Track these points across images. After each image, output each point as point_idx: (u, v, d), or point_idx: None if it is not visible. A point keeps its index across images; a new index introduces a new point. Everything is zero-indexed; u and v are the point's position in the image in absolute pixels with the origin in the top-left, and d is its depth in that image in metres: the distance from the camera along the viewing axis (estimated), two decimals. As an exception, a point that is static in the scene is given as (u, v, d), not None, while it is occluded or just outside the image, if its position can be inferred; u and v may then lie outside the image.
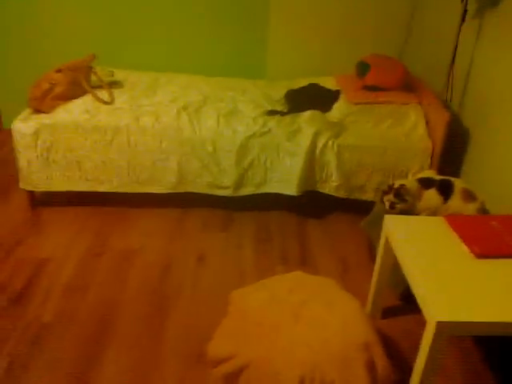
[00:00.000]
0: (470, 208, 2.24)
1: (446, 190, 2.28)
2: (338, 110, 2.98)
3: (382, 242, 1.97)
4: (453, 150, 2.78)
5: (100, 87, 2.96)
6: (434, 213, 2.28)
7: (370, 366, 1.57)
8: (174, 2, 3.54)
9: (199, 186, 2.80)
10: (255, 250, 2.60)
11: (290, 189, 2.75)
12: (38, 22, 3.53)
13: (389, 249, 1.93)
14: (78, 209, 2.85)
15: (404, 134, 2.80)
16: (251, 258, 2.54)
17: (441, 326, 1.38)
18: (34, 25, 3.53)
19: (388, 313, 2.21)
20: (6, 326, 2.02)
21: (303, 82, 3.32)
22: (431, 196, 2.29)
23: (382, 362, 1.60)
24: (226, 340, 1.65)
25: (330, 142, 2.72)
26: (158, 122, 2.71)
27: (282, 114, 2.92)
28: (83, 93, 2.86)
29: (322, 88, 3.22)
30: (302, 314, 1.68)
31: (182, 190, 2.80)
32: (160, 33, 3.63)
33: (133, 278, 2.35)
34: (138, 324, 2.08)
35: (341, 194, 2.80)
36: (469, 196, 2.26)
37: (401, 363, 1.95)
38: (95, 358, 1.91)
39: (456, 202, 2.26)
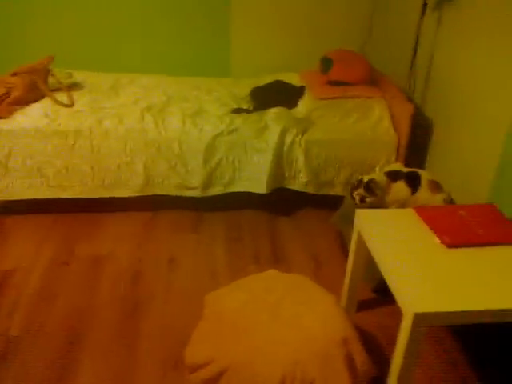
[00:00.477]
0: (438, 199, 2.28)
1: (413, 182, 2.31)
2: (303, 105, 2.97)
3: (354, 236, 1.98)
4: (417, 142, 2.82)
5: (59, 90, 2.87)
6: (402, 205, 2.31)
7: (350, 362, 1.57)
8: (136, 2, 3.46)
9: (167, 188, 2.75)
10: (227, 250, 2.57)
11: (259, 187, 2.73)
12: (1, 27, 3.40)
13: (361, 243, 1.93)
14: (42, 216, 2.75)
15: (370, 127, 2.82)
16: (223, 258, 2.51)
17: (418, 317, 1.39)
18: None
19: (363, 306, 2.22)
20: (-29, 343, 1.94)
21: (268, 79, 3.31)
22: (400, 188, 2.32)
23: (360, 358, 1.60)
24: (203, 344, 1.62)
25: (297, 138, 2.71)
26: (121, 124, 2.65)
27: (248, 111, 2.90)
28: (41, 96, 2.76)
29: (287, 84, 3.22)
30: (279, 313, 1.67)
31: (149, 192, 2.75)
32: (121, 32, 3.55)
33: (103, 285, 2.29)
34: (110, 331, 2.02)
35: (310, 190, 2.80)
36: (436, 187, 2.30)
37: (379, 357, 1.97)
38: (68, 369, 1.84)
39: (424, 194, 2.29)
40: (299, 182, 2.77)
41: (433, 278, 1.55)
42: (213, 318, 1.71)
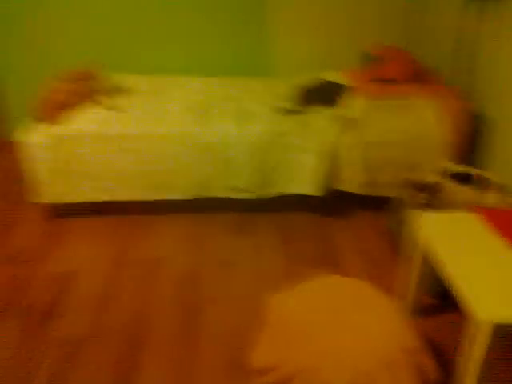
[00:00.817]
0: (505, 201, 2.21)
1: (477, 184, 2.25)
2: (353, 105, 2.94)
3: (414, 239, 1.94)
4: (471, 141, 2.75)
5: (107, 95, 2.91)
6: (467, 207, 2.25)
7: (418, 372, 1.55)
8: (173, 4, 3.48)
9: (219, 190, 2.77)
10: (281, 253, 2.57)
11: (311, 189, 2.71)
12: (43, 32, 3.47)
13: (422, 247, 1.90)
14: (97, 219, 2.81)
15: (421, 127, 2.76)
16: (277, 261, 2.51)
17: (498, 327, 1.36)
18: (41, 34, 3.47)
19: (422, 312, 2.18)
20: (40, 344, 2.00)
21: (311, 78, 3.28)
22: (464, 190, 2.26)
23: (429, 366, 1.58)
24: (269, 349, 1.62)
25: (348, 139, 2.68)
26: (168, 127, 2.67)
27: (295, 112, 2.88)
28: (91, 102, 2.81)
29: (331, 83, 3.18)
30: (345, 319, 1.65)
31: (200, 195, 2.77)
32: (161, 35, 3.58)
33: (161, 288, 2.32)
34: (171, 335, 2.05)
35: (362, 192, 2.77)
36: (501, 188, 2.23)
37: (443, 365, 1.93)
38: (131, 371, 1.88)
39: (490, 196, 2.22)
40: (351, 183, 2.74)
41: (506, 284, 1.51)
42: (278, 322, 1.71)
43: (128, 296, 2.27)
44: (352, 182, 2.73)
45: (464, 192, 2.25)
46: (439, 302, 2.24)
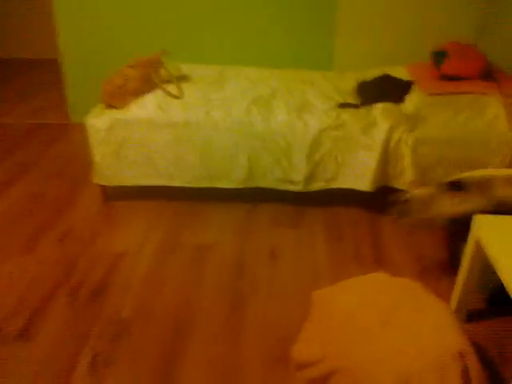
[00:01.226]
0: None
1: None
2: (412, 101, 2.85)
3: (470, 242, 1.87)
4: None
5: (170, 82, 2.96)
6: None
7: (466, 377, 1.49)
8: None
9: (269, 181, 2.76)
10: (328, 248, 2.53)
11: (364, 184, 2.66)
12: (109, 19, 3.57)
13: (478, 250, 1.82)
14: (150, 203, 2.87)
15: (484, 125, 2.65)
16: (324, 255, 2.48)
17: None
18: (106, 22, 3.57)
19: (473, 316, 2.10)
20: (87, 322, 2.06)
21: (373, 73, 3.21)
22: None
23: (476, 372, 1.52)
24: (312, 343, 1.60)
25: (405, 136, 2.61)
26: (228, 116, 2.68)
27: (355, 106, 2.83)
28: (154, 88, 2.86)
29: (395, 79, 3.10)
30: (392, 318, 1.61)
31: (252, 185, 2.77)
32: (224, 25, 3.59)
33: (207, 274, 2.34)
34: (215, 323, 2.07)
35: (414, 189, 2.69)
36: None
37: (491, 372, 1.85)
38: (175, 355, 1.91)
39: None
40: (405, 180, 2.67)
41: None
42: (322, 317, 1.69)
43: (174, 281, 2.30)
44: (403, 179, 2.66)
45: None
46: (493, 306, 2.15)
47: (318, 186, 2.74)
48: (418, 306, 1.66)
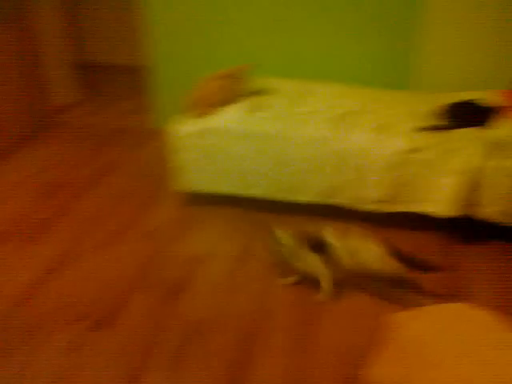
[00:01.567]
0: None
1: None
2: (499, 127, 2.76)
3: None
4: None
5: (253, 94, 3.04)
6: None
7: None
8: (318, 13, 3.53)
9: (345, 199, 2.76)
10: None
11: (444, 210, 2.60)
12: (199, 30, 3.71)
13: None
14: (227, 211, 2.95)
15: None
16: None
17: None
18: (196, 32, 3.72)
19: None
20: (163, 318, 2.15)
21: (456, 96, 3.13)
22: None
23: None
24: (387, 367, 1.59)
25: (493, 163, 2.53)
26: (307, 131, 2.72)
27: (438, 129, 2.78)
28: (238, 99, 2.95)
29: (479, 103, 3.01)
30: (470, 352, 1.57)
31: (326, 201, 2.79)
32: (309, 40, 3.64)
33: (281, 288, 2.36)
34: (286, 335, 2.09)
35: (501, 220, 2.60)
36: None
37: None
38: (243, 363, 1.95)
39: None
40: (491, 210, 2.59)
41: None
42: (396, 342, 1.67)
43: (247, 290, 2.35)
44: (489, 208, 2.58)
45: None
46: None
47: (394, 207, 2.72)
48: (498, 340, 1.61)
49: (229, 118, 2.81)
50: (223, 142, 2.77)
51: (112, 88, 5.18)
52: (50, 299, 2.25)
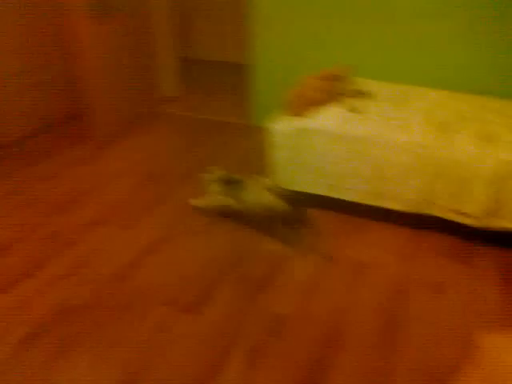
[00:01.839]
0: None
1: None
2: None
3: None
4: None
5: (353, 96, 3.01)
6: None
7: None
8: (427, 14, 3.40)
9: (441, 210, 2.66)
10: (499, 292, 2.35)
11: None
12: (300, 32, 3.74)
13: None
14: (316, 211, 2.95)
15: None
16: (494, 299, 2.30)
17: None
18: (297, 34, 3.75)
19: None
20: (249, 310, 2.21)
21: None
22: None
23: None
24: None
25: None
26: (407, 137, 2.64)
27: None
28: (337, 101, 2.94)
29: None
30: None
31: (421, 210, 2.70)
32: (410, 44, 3.53)
33: (365, 291, 2.34)
34: (367, 339, 2.06)
35: None
36: None
37: None
38: (324, 362, 1.95)
39: None
40: None
41: None
42: (489, 367, 1.59)
43: (332, 291, 2.34)
44: None
45: None
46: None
47: (497, 224, 2.57)
48: None
49: (327, 119, 2.80)
50: (320, 143, 2.77)
51: (214, 83, 5.35)
52: (143, 281, 2.39)
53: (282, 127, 2.83)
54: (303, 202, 2.81)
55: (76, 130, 4.07)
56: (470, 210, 2.58)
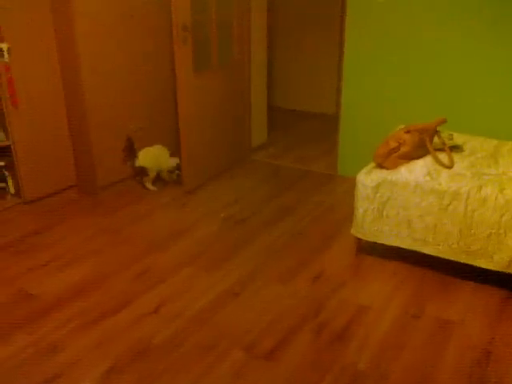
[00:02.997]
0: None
1: None
2: None
3: None
4: None
5: (441, 150, 2.97)
6: None
7: None
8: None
9: (536, 272, 2.51)
10: None
11: None
12: (389, 84, 3.78)
13: None
14: (399, 264, 2.90)
15: None
16: None
17: None
18: (387, 86, 3.80)
19: None
20: (325, 362, 2.18)
21: None
22: None
23: None
24: None
25: None
26: (501, 194, 2.55)
27: None
28: (425, 154, 2.91)
29: None
30: None
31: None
32: (503, 98, 3.44)
33: (448, 352, 2.24)
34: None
35: None
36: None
37: None
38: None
39: None
40: None
41: None
42: None
43: (413, 349, 2.26)
44: None
45: None
46: None
47: None
48: None
49: (415, 172, 2.77)
50: (406, 196, 2.74)
51: (301, 133, 5.48)
52: (223, 323, 2.44)
53: (368, 179, 2.83)
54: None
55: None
56: None
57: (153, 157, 3.94)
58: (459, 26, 3.45)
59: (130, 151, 3.88)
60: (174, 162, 3.98)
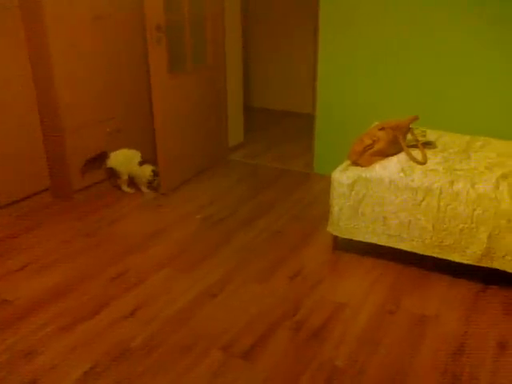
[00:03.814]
0: None
1: None
2: None
3: None
4: None
5: (414, 147, 3.01)
6: None
7: None
8: (497, 65, 3.38)
9: (508, 264, 2.56)
10: None
11: None
12: (363, 82, 3.83)
13: None
14: (375, 261, 2.93)
15: None
16: None
17: None
18: (360, 85, 3.84)
19: None
20: (303, 359, 2.20)
21: None
22: None
23: None
24: None
25: None
26: (473, 188, 2.60)
27: None
28: (399, 151, 2.95)
29: None
30: None
31: (487, 264, 2.61)
32: (477, 93, 3.51)
33: (424, 346, 2.27)
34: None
35: None
36: None
37: None
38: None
39: None
40: None
41: None
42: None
43: (389, 344, 2.29)
44: None
45: None
46: None
47: None
48: None
49: (389, 169, 2.81)
50: (381, 193, 2.77)
51: (277, 132, 5.50)
52: (201, 324, 2.44)
53: (343, 176, 2.86)
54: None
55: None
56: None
57: (124, 159, 3.90)
58: (428, 25, 3.51)
59: (94, 163, 3.82)
60: (148, 169, 3.84)
